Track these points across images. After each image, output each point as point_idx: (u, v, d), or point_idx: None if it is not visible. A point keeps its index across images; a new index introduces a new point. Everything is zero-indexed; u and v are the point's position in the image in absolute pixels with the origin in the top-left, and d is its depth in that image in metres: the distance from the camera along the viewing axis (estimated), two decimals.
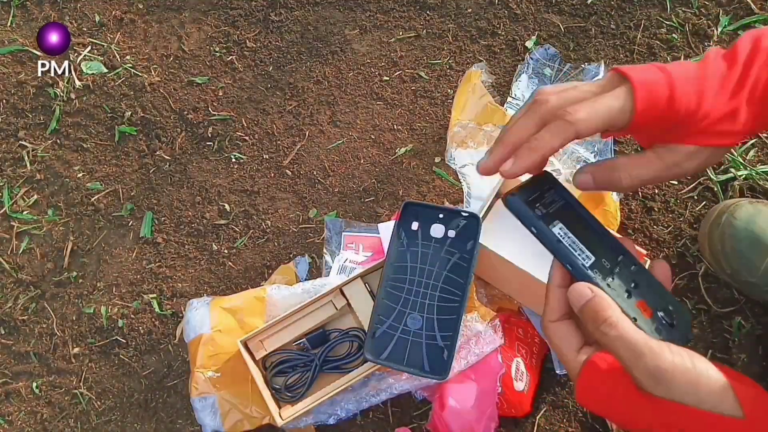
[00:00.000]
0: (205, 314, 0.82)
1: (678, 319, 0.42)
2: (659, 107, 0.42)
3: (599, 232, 0.45)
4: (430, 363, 0.72)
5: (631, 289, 0.42)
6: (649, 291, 0.43)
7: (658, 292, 0.43)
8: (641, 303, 0.42)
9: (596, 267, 0.42)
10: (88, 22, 1.07)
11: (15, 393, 0.93)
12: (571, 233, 0.44)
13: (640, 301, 0.42)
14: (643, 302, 0.42)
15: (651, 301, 0.42)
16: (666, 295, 0.43)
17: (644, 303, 0.42)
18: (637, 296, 0.42)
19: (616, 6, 0.97)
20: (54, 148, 1.02)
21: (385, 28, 1.01)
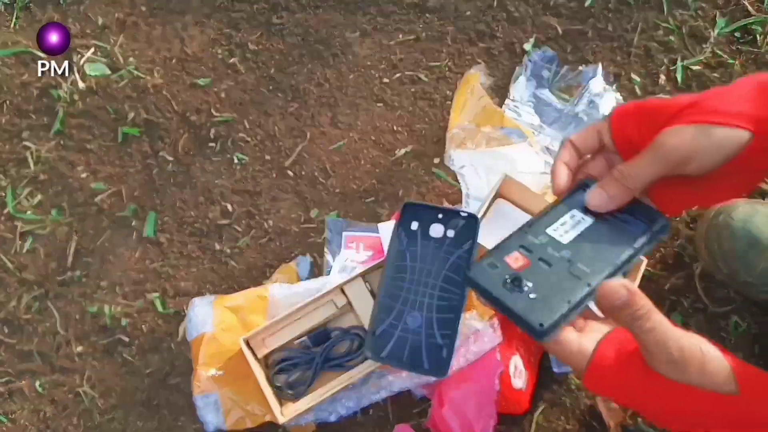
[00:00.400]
0: (207, 313, 0.83)
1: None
2: (629, 108, 0.49)
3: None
4: (429, 361, 0.73)
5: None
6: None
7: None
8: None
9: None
10: (92, 24, 1.08)
11: (18, 391, 0.94)
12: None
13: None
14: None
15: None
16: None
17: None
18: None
19: (613, 9, 0.98)
20: (58, 149, 1.03)
21: (386, 31, 1.02)
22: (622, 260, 0.45)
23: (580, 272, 0.44)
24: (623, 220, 0.47)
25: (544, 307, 0.42)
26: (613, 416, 0.80)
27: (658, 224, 0.47)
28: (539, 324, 0.41)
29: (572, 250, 0.46)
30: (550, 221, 0.48)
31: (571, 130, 0.93)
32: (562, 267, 0.45)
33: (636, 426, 0.80)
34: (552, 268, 0.45)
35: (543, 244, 0.46)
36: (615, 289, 0.41)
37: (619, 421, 0.80)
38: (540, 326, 0.41)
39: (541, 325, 0.41)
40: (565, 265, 0.45)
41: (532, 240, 0.47)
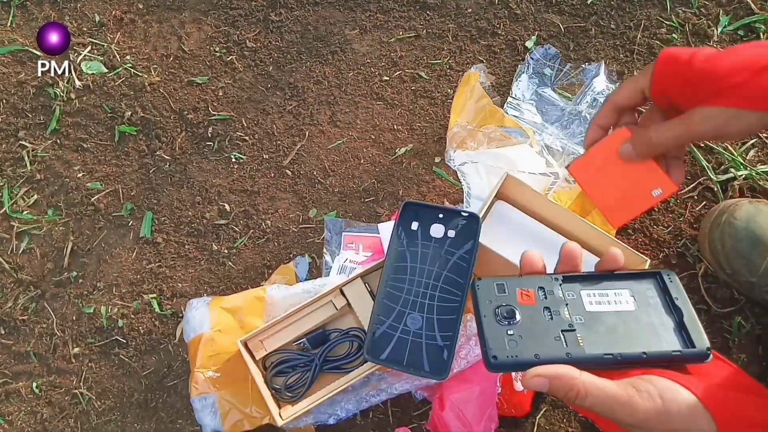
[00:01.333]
0: (205, 314, 0.82)
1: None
2: (679, 62, 0.51)
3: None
4: (429, 363, 0.72)
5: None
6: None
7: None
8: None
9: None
10: (88, 22, 1.07)
11: (15, 393, 0.93)
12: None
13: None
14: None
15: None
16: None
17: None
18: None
19: (616, 6, 0.97)
20: (54, 148, 1.02)
21: (385, 28, 1.01)
22: (626, 358, 0.42)
23: (572, 340, 0.43)
24: (665, 328, 0.44)
25: (511, 346, 0.42)
26: None
27: (697, 349, 0.43)
28: (493, 356, 0.42)
29: (587, 320, 0.44)
30: (594, 285, 0.46)
31: (574, 128, 0.92)
32: (559, 326, 0.44)
33: None
34: (550, 322, 0.44)
35: (561, 300, 0.45)
36: (533, 381, 0.39)
37: None
38: (493, 358, 0.41)
39: (494, 358, 0.41)
40: (563, 327, 0.44)
41: (557, 290, 0.46)
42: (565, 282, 0.46)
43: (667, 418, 0.38)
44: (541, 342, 0.43)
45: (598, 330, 0.44)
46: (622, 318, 0.44)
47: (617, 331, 0.44)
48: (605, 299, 0.46)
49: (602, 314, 0.45)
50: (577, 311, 0.45)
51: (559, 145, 0.91)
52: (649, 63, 0.94)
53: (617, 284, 0.46)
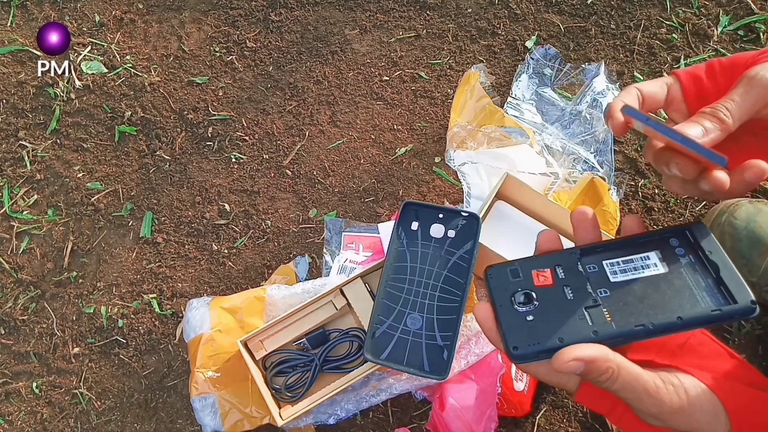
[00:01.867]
0: (205, 314, 0.82)
1: None
2: (694, 69, 0.47)
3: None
4: (430, 363, 0.72)
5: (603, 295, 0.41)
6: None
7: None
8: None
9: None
10: (88, 22, 1.07)
11: (15, 393, 0.93)
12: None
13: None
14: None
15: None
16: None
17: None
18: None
19: (616, 6, 0.97)
20: (54, 148, 1.02)
21: (385, 28, 1.01)
22: (660, 327, 0.38)
23: (597, 317, 0.39)
24: (702, 287, 0.40)
25: (531, 334, 0.39)
26: None
27: (739, 305, 0.39)
28: (513, 347, 0.39)
29: (612, 293, 0.40)
30: (617, 253, 0.43)
31: (574, 128, 0.92)
32: (582, 304, 0.40)
33: None
34: (571, 300, 0.40)
35: (582, 274, 0.42)
36: (568, 365, 0.37)
37: None
38: (514, 349, 0.39)
39: (515, 348, 0.39)
40: (587, 304, 0.40)
41: (576, 265, 0.42)
42: (583, 255, 0.43)
43: (689, 414, 0.38)
44: (563, 324, 0.39)
45: (627, 301, 0.40)
46: (651, 284, 0.40)
47: (648, 298, 0.40)
48: (630, 266, 0.42)
49: (629, 283, 0.41)
50: (600, 284, 0.41)
51: (559, 145, 0.91)
52: (649, 63, 0.94)
53: (642, 248, 0.42)
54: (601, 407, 0.42)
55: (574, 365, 0.37)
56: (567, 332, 0.39)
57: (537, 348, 0.38)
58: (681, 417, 0.38)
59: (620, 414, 0.41)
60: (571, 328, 0.39)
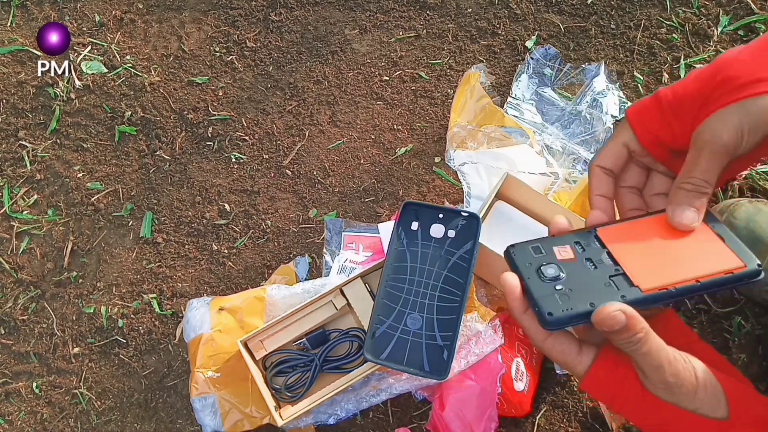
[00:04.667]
0: (205, 314, 0.82)
1: None
2: (647, 106, 0.46)
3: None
4: (430, 363, 0.72)
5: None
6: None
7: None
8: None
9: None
10: (88, 21, 1.07)
11: (15, 393, 0.93)
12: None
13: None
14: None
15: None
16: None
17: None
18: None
19: (616, 6, 0.97)
20: (54, 148, 1.02)
21: (385, 28, 1.01)
22: (681, 290, 0.42)
23: (622, 283, 0.42)
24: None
25: (563, 300, 0.42)
26: (614, 418, 0.80)
27: (748, 268, 0.42)
28: (548, 313, 0.41)
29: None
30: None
31: (574, 128, 0.92)
32: (606, 272, 0.43)
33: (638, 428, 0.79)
34: (595, 271, 0.43)
35: (600, 249, 0.45)
36: (612, 315, 0.39)
37: (622, 423, 0.80)
38: (549, 315, 0.41)
39: (550, 314, 0.41)
40: (610, 273, 0.43)
41: (594, 241, 0.45)
42: (599, 230, 0.46)
43: (696, 392, 0.41)
44: (592, 291, 0.42)
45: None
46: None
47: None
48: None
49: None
50: (619, 253, 0.44)
51: (559, 145, 0.91)
52: (649, 63, 0.94)
53: (652, 217, 0.46)
54: (605, 393, 0.44)
55: (618, 316, 0.39)
56: (597, 297, 0.41)
57: (570, 313, 0.41)
58: (689, 393, 0.41)
59: (623, 401, 0.44)
60: (600, 293, 0.42)
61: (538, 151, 0.90)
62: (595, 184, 0.49)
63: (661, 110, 0.46)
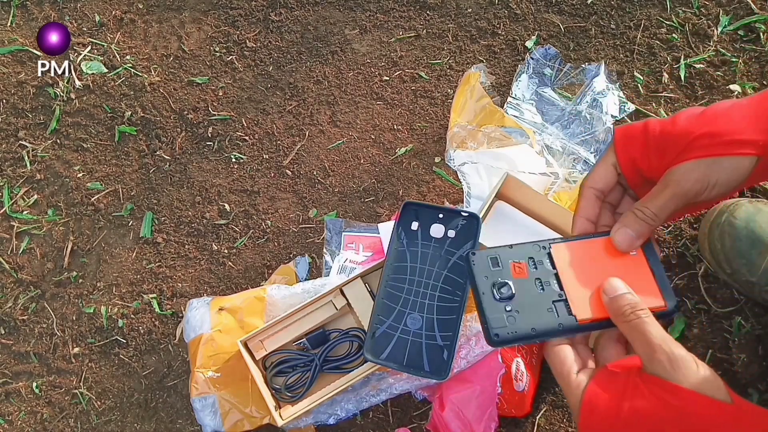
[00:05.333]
0: (205, 314, 0.82)
1: None
2: (634, 134, 0.49)
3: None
4: (430, 363, 0.72)
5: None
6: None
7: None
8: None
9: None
10: (88, 21, 1.07)
11: (15, 393, 0.94)
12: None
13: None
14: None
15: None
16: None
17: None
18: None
19: (616, 6, 0.97)
20: (54, 148, 1.02)
21: (385, 28, 1.01)
22: (606, 322, 0.46)
23: (562, 311, 0.46)
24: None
25: (510, 322, 0.45)
26: None
27: (669, 307, 0.47)
28: (495, 334, 0.44)
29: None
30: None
31: (574, 128, 0.92)
32: (550, 296, 0.46)
33: None
34: (542, 293, 0.46)
35: (550, 271, 0.47)
36: (617, 284, 0.45)
37: None
38: (495, 336, 0.44)
39: (497, 336, 0.44)
40: (554, 298, 0.46)
41: (546, 261, 0.48)
42: (552, 250, 0.48)
43: (696, 369, 0.41)
44: (536, 315, 0.45)
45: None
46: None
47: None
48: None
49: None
50: (565, 278, 0.47)
51: (559, 145, 0.91)
52: (649, 63, 0.94)
53: (603, 238, 0.49)
54: (607, 408, 0.43)
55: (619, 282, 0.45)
56: (538, 323, 0.45)
57: (514, 336, 0.44)
58: (690, 365, 0.41)
59: (630, 406, 0.42)
60: (542, 319, 0.45)
61: (538, 151, 0.90)
62: (583, 206, 0.51)
63: (646, 142, 0.48)
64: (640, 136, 0.48)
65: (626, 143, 0.49)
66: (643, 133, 0.48)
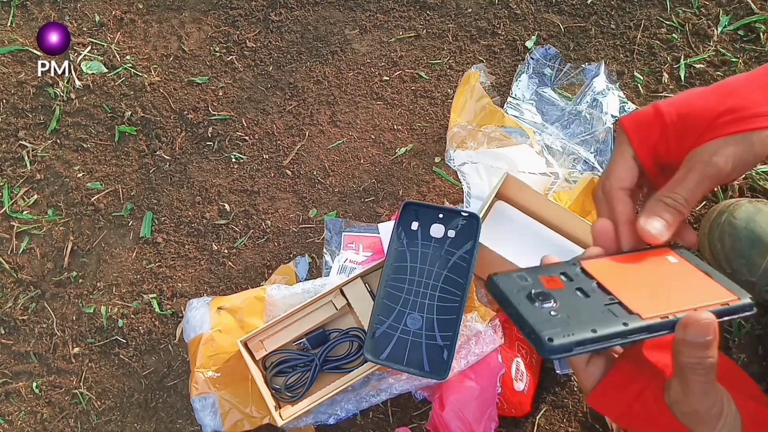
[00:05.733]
0: (205, 314, 0.82)
1: None
2: (647, 120, 0.45)
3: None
4: (429, 363, 0.72)
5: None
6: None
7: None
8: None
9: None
10: (88, 21, 1.07)
11: (15, 393, 0.93)
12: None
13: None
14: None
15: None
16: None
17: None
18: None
19: (616, 6, 0.97)
20: (54, 148, 1.02)
21: (385, 28, 1.01)
22: (680, 318, 0.38)
23: (620, 311, 0.39)
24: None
25: (562, 326, 0.37)
26: None
27: (742, 301, 0.40)
28: (548, 339, 0.36)
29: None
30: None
31: (574, 128, 0.92)
32: (600, 300, 0.40)
33: None
34: (588, 299, 0.40)
35: (589, 280, 0.41)
36: (708, 327, 0.37)
37: None
38: (549, 341, 0.36)
39: (550, 340, 0.36)
40: (605, 301, 0.39)
41: (580, 273, 0.42)
42: (582, 263, 0.43)
43: (715, 427, 0.40)
44: (591, 316, 0.38)
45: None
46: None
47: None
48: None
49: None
50: (610, 284, 0.41)
51: (559, 145, 0.91)
52: (649, 63, 0.94)
53: (636, 254, 0.44)
54: (613, 409, 0.43)
55: (711, 325, 0.37)
56: (598, 324, 0.37)
57: (572, 340, 0.36)
58: (712, 425, 0.40)
59: (633, 418, 0.42)
60: (600, 320, 0.38)
61: (538, 151, 0.90)
62: (622, 211, 0.46)
63: (664, 126, 0.45)
64: (655, 122, 0.45)
65: (642, 131, 0.46)
66: (657, 118, 0.45)
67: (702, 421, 0.39)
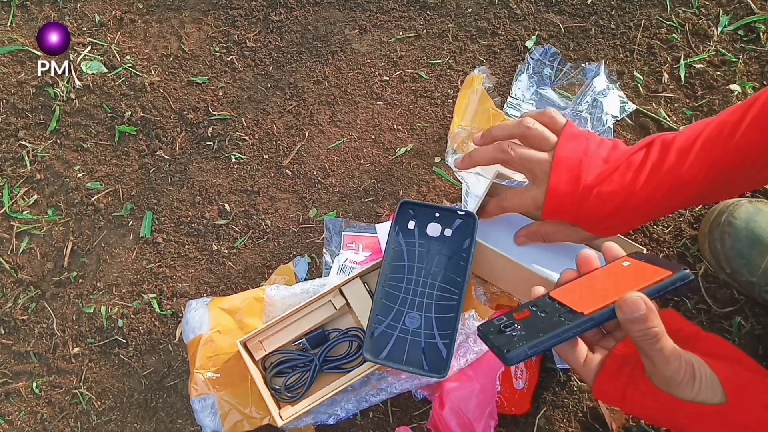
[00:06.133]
0: (204, 315, 0.82)
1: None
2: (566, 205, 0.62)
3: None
4: (429, 362, 0.72)
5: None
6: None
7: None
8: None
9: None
10: (88, 21, 1.07)
11: (15, 393, 0.94)
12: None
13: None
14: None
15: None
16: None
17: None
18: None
19: (616, 6, 0.97)
20: (54, 148, 1.02)
21: (385, 27, 1.01)
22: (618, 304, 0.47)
23: (569, 316, 0.47)
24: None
25: (520, 341, 0.46)
26: (615, 418, 0.80)
27: (678, 274, 0.47)
28: (506, 350, 0.46)
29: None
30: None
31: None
32: (555, 313, 0.49)
33: (638, 427, 0.79)
34: (547, 315, 0.49)
35: (551, 302, 0.51)
36: (636, 302, 0.44)
37: (622, 423, 0.79)
38: (507, 352, 0.45)
39: (508, 351, 0.45)
40: (558, 312, 0.49)
41: (549, 302, 0.51)
42: (552, 294, 0.52)
43: (692, 386, 0.45)
44: (544, 326, 0.47)
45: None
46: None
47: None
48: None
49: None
50: (566, 299, 0.50)
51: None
52: (649, 63, 0.94)
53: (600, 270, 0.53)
54: (614, 397, 0.49)
55: (639, 302, 0.44)
56: (551, 330, 0.46)
57: (525, 345, 0.46)
58: (687, 386, 0.45)
59: (631, 401, 0.48)
60: (553, 326, 0.47)
61: None
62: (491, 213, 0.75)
63: (577, 209, 0.61)
64: (573, 204, 0.60)
65: (558, 213, 0.63)
66: (578, 201, 0.60)
67: (676, 384, 0.45)
